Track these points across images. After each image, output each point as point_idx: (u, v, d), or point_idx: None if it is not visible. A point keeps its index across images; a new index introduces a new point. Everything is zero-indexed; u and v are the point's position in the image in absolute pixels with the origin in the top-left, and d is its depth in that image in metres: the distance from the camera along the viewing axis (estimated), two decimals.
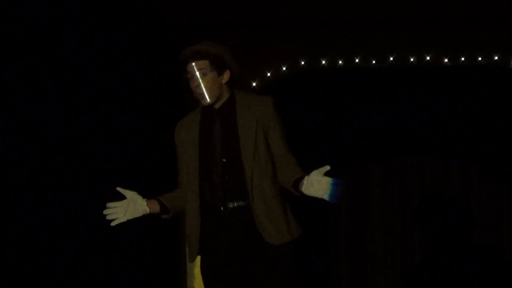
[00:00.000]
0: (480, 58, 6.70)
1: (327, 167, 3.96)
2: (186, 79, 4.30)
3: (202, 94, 4.20)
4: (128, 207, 4.19)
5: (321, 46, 6.78)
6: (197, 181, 4.17)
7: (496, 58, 6.68)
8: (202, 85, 4.19)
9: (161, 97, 6.80)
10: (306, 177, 3.99)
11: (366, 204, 7.41)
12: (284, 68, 6.82)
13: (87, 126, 6.06)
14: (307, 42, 6.80)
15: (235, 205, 4.13)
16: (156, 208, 4.21)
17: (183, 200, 4.25)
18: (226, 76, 4.25)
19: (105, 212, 4.20)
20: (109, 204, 4.20)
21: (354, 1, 6.64)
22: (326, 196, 3.94)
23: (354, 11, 6.68)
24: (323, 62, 6.82)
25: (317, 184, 3.95)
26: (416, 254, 7.48)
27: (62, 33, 5.82)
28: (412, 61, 6.77)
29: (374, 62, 6.80)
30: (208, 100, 4.20)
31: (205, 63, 4.22)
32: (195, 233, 4.16)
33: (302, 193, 4.03)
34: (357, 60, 6.78)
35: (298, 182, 4.03)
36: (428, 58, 6.73)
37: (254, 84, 6.71)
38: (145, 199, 4.20)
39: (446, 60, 6.74)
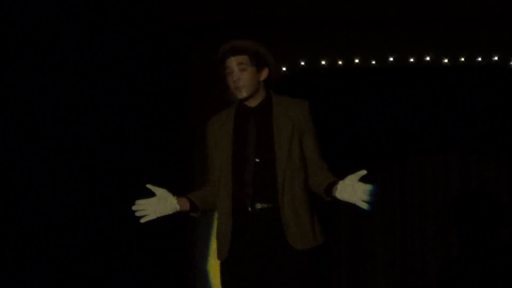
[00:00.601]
0: (480, 58, 6.71)
1: (363, 172, 3.94)
2: (223, 74, 4.26)
3: (239, 88, 4.17)
4: (158, 204, 4.13)
5: (321, 46, 6.79)
6: (230, 179, 4.13)
7: (496, 58, 6.69)
8: (241, 80, 4.18)
9: (161, 97, 6.80)
10: (340, 182, 3.98)
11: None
12: (284, 68, 6.82)
13: (87, 126, 6.07)
14: (307, 42, 6.80)
15: (263, 206, 4.10)
16: (186, 205, 4.17)
17: (213, 198, 4.23)
18: (265, 73, 4.24)
19: (134, 208, 4.13)
20: (138, 201, 4.14)
21: (354, 1, 6.65)
22: (359, 202, 3.93)
23: (354, 11, 6.69)
24: (323, 62, 6.82)
25: (351, 190, 3.94)
26: (416, 254, 7.48)
27: (62, 33, 5.82)
28: (412, 61, 6.78)
29: (374, 62, 6.80)
30: (245, 93, 4.18)
31: (244, 58, 4.21)
32: (227, 231, 4.12)
33: (334, 198, 4.01)
34: (357, 60, 6.78)
35: (331, 186, 4.02)
36: (428, 58, 6.74)
37: None
38: (175, 196, 4.15)
39: (446, 60, 6.74)
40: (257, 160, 4.13)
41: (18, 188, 5.48)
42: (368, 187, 3.92)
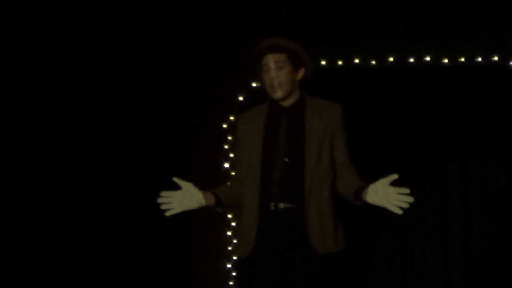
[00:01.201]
0: (480, 59, 6.71)
1: (395, 176, 3.92)
2: (257, 71, 4.23)
3: (275, 87, 4.16)
4: (184, 198, 4.07)
5: (321, 46, 6.78)
6: (258, 177, 4.12)
7: (495, 58, 6.68)
8: (277, 78, 4.16)
9: (161, 96, 6.80)
10: (371, 185, 3.96)
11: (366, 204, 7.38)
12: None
13: (87, 126, 6.07)
14: (307, 42, 6.78)
15: (286, 206, 4.09)
16: (212, 200, 4.13)
17: (237, 194, 4.21)
18: (301, 73, 4.23)
19: (159, 200, 4.06)
20: (163, 193, 4.07)
21: (354, 1, 6.64)
22: (390, 206, 3.91)
23: (354, 11, 6.68)
24: (323, 62, 6.82)
25: (383, 193, 3.92)
26: (416, 255, 7.48)
27: (63, 33, 5.83)
28: (412, 61, 6.77)
29: (374, 62, 6.80)
30: (280, 94, 4.16)
31: (282, 56, 4.19)
32: (251, 229, 4.11)
33: (363, 202, 4.00)
34: (356, 61, 6.78)
35: (360, 190, 4.00)
36: (428, 58, 6.73)
37: (254, 84, 6.71)
38: (201, 191, 4.11)
39: (446, 61, 6.74)
40: (286, 160, 4.11)
41: (19, 188, 5.48)
42: (400, 190, 3.90)
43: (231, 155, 6.61)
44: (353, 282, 7.46)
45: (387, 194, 3.91)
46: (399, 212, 3.89)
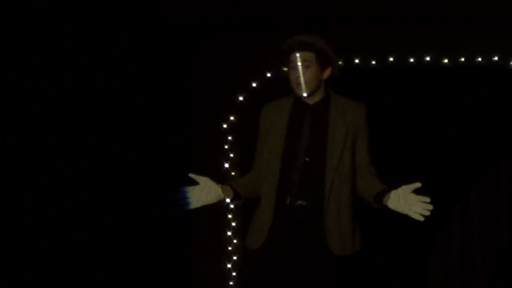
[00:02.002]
0: (480, 59, 6.70)
1: (418, 184, 3.98)
2: (284, 68, 4.24)
3: (301, 85, 4.16)
4: (202, 192, 4.09)
5: None
6: (277, 173, 4.11)
7: (496, 58, 6.68)
8: (303, 77, 4.15)
9: (161, 96, 6.80)
10: (393, 191, 3.99)
11: (365, 205, 7.37)
12: (284, 68, 6.81)
13: (87, 126, 6.07)
14: None
15: (303, 204, 4.09)
16: (230, 193, 4.17)
17: (254, 186, 4.21)
18: (327, 72, 4.23)
19: (178, 196, 4.08)
20: (181, 189, 4.10)
21: (354, 1, 6.64)
22: (412, 213, 3.93)
23: (354, 11, 6.68)
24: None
25: (404, 200, 3.95)
26: (416, 255, 7.47)
27: (63, 33, 5.83)
28: (412, 61, 6.77)
29: (374, 62, 6.80)
30: (305, 93, 4.16)
31: (311, 55, 4.20)
32: (266, 222, 4.10)
33: (383, 206, 4.01)
34: (357, 60, 6.77)
35: (381, 194, 4.01)
36: (428, 58, 6.73)
37: (254, 84, 6.71)
38: (219, 185, 4.13)
39: (446, 60, 6.74)
40: (307, 159, 4.11)
41: (19, 188, 5.48)
42: (422, 198, 3.92)
43: (231, 155, 6.60)
44: (363, 284, 7.46)
45: (408, 202, 3.94)
46: (421, 219, 3.95)
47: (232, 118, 6.68)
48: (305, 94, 4.15)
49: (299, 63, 4.17)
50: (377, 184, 4.06)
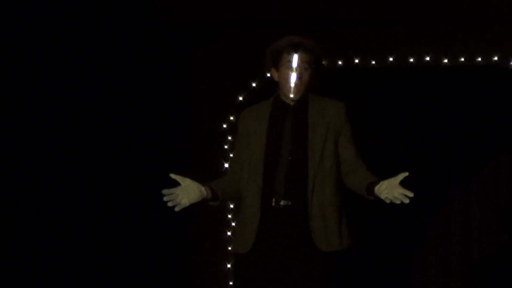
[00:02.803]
0: (479, 59, 6.70)
1: (405, 174, 3.98)
2: (272, 64, 4.21)
3: (298, 87, 4.14)
4: (187, 191, 4.09)
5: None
6: (260, 174, 4.11)
7: (495, 58, 6.68)
8: (301, 79, 4.14)
9: (161, 96, 6.80)
10: (382, 181, 4.00)
11: (365, 205, 7.37)
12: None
13: (87, 126, 6.07)
14: None
15: (288, 204, 4.09)
16: (209, 194, 4.16)
17: (231, 188, 4.21)
18: (316, 78, 4.23)
19: (165, 198, 4.08)
20: (165, 191, 4.09)
21: (354, 1, 6.64)
22: (390, 197, 3.94)
23: (354, 11, 6.68)
24: (323, 62, 6.81)
25: (388, 188, 3.95)
26: (416, 255, 7.47)
27: (63, 33, 5.83)
28: (412, 61, 6.77)
29: (374, 62, 6.79)
30: (297, 96, 4.15)
31: (310, 58, 4.17)
32: (252, 225, 4.10)
33: (376, 197, 4.01)
34: (356, 60, 6.77)
35: (372, 185, 4.02)
36: (428, 58, 6.73)
37: (254, 84, 6.71)
38: (200, 184, 4.13)
39: (445, 61, 6.74)
40: (289, 158, 4.11)
41: (19, 188, 5.48)
42: (406, 192, 3.94)
43: (231, 155, 6.60)
44: (358, 281, 7.45)
45: (392, 190, 3.92)
46: (397, 202, 3.95)
47: (232, 118, 6.68)
48: (297, 97, 4.15)
49: (300, 64, 4.14)
50: (368, 177, 4.07)
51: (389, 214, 7.22)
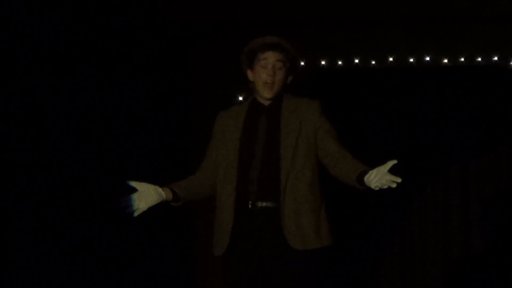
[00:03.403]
0: (479, 59, 6.71)
1: (394, 161, 3.96)
2: (247, 64, 4.22)
3: (271, 84, 4.15)
4: (144, 195, 4.11)
5: (320, 46, 6.78)
6: (235, 175, 4.12)
7: (495, 58, 6.69)
8: (275, 77, 4.15)
9: (162, 96, 6.81)
10: (371, 170, 3.97)
11: (365, 206, 7.38)
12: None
13: (86, 127, 6.07)
14: (307, 43, 6.80)
15: (265, 205, 4.09)
16: (169, 195, 4.16)
17: (199, 188, 4.23)
18: (290, 79, 4.24)
19: (122, 205, 4.10)
20: (123, 198, 4.12)
21: (354, 1, 6.65)
22: (378, 184, 3.91)
23: (354, 11, 6.69)
24: (323, 62, 6.82)
25: (377, 176, 3.93)
26: (416, 256, 7.47)
27: (63, 33, 5.83)
28: (411, 61, 6.78)
29: (373, 62, 6.80)
30: (271, 94, 4.16)
31: (284, 57, 4.19)
32: (227, 227, 4.11)
33: (366, 187, 3.97)
34: (356, 60, 6.78)
35: (362, 175, 3.99)
36: (427, 58, 6.74)
37: None
38: (158, 186, 4.15)
39: (445, 61, 6.74)
40: (263, 158, 4.12)
41: (18, 188, 5.48)
42: (394, 177, 3.91)
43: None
44: (353, 280, 7.46)
45: (381, 178, 3.93)
46: (384, 187, 3.92)
47: None
48: (271, 95, 4.16)
49: (273, 63, 4.16)
50: (357, 166, 4.06)
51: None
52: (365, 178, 3.96)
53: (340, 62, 6.83)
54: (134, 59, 6.48)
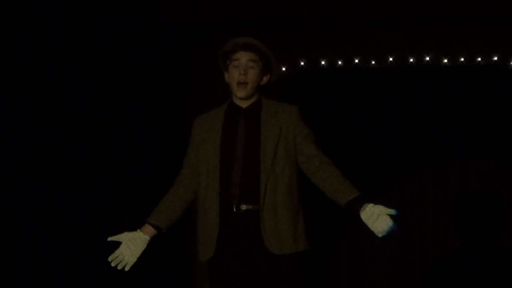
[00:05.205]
0: (479, 59, 6.71)
1: (393, 211, 3.97)
2: (223, 67, 4.25)
3: (243, 83, 4.17)
4: (129, 247, 4.21)
5: (320, 46, 6.78)
6: (217, 178, 4.13)
7: (495, 58, 6.68)
8: (246, 76, 4.17)
9: (161, 96, 6.81)
10: (370, 206, 4.00)
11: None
12: (283, 69, 6.82)
13: (86, 127, 6.07)
14: (307, 42, 6.80)
15: (248, 208, 4.10)
16: (152, 232, 4.24)
17: (181, 202, 4.25)
18: (266, 79, 4.25)
19: (113, 264, 4.21)
20: (112, 257, 4.23)
21: (354, 1, 6.65)
22: (380, 235, 3.96)
23: (354, 11, 6.68)
24: (323, 62, 6.82)
25: (379, 222, 3.96)
26: (416, 255, 7.48)
27: (63, 33, 5.83)
28: (412, 61, 6.77)
29: (373, 62, 6.80)
30: (244, 93, 4.18)
31: (256, 57, 4.22)
32: (212, 231, 4.12)
33: (354, 212, 4.01)
34: (356, 61, 6.78)
35: (356, 203, 4.02)
36: (427, 58, 6.74)
37: None
38: (138, 230, 4.22)
39: (445, 60, 6.74)
40: (243, 161, 4.13)
41: (18, 188, 5.48)
42: (393, 224, 3.95)
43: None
44: (353, 279, 7.46)
45: (383, 225, 3.96)
46: (380, 235, 3.98)
47: None
48: (244, 95, 4.17)
49: (245, 62, 4.18)
50: (347, 189, 4.06)
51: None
52: (362, 214, 3.99)
53: (340, 62, 6.83)
54: (134, 59, 6.48)
